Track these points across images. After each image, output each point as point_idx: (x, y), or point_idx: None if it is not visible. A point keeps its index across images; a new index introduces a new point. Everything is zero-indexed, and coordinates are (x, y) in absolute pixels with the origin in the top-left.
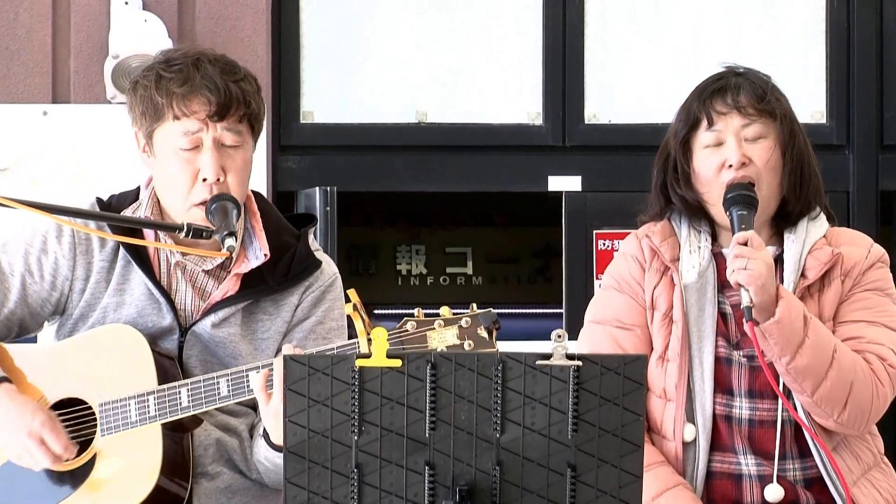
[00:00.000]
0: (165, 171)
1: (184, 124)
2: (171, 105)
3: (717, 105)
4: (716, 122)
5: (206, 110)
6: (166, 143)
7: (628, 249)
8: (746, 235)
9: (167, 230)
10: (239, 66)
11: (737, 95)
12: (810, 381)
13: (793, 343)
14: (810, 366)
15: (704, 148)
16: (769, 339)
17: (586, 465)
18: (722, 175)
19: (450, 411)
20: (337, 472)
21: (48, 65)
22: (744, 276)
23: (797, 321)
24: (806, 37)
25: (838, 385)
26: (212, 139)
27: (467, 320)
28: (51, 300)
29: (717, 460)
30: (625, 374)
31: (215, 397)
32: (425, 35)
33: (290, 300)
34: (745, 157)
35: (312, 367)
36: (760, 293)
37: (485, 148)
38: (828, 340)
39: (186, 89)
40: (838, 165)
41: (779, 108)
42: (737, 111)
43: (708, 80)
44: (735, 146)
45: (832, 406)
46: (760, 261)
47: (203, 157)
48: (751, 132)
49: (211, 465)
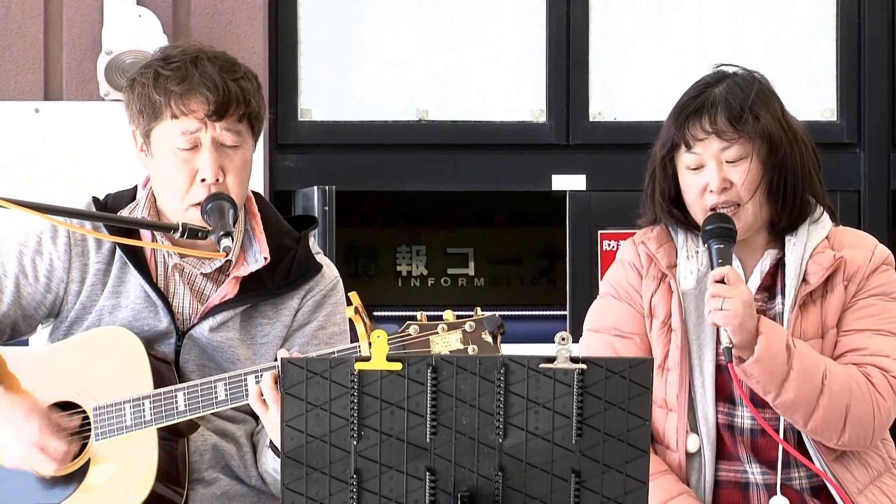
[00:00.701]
0: (163, 170)
1: (182, 123)
2: (169, 104)
3: (693, 130)
4: (694, 146)
5: (205, 109)
6: (164, 142)
7: (625, 256)
8: (723, 272)
9: (162, 230)
10: (239, 64)
11: (714, 118)
12: (800, 412)
13: (776, 378)
14: (798, 398)
15: (686, 170)
16: (751, 378)
17: (591, 471)
18: (706, 198)
19: (451, 416)
20: (336, 477)
21: (40, 61)
22: (720, 316)
23: (779, 355)
24: (815, 32)
25: (832, 411)
26: (210, 139)
27: (471, 324)
28: (45, 302)
29: (723, 469)
30: (630, 377)
31: (213, 402)
32: (426, 31)
33: (290, 304)
34: (726, 182)
35: (310, 371)
36: (739, 332)
37: (487, 146)
38: (815, 367)
39: (185, 88)
40: (849, 164)
41: (761, 127)
42: (715, 135)
43: (688, 93)
44: (715, 171)
45: (829, 432)
46: (737, 299)
47: (201, 158)
48: (730, 154)
49: (207, 472)
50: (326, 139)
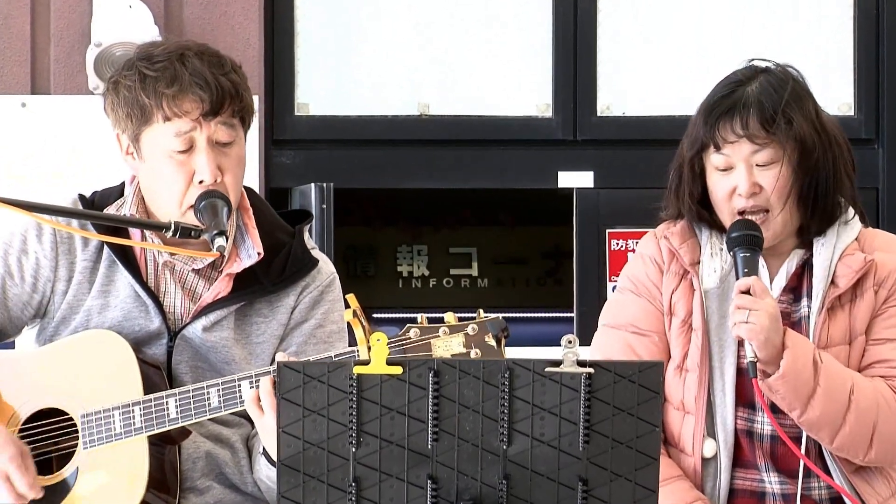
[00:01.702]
0: (156, 174)
1: (175, 125)
2: (161, 106)
3: (724, 132)
4: (723, 148)
5: (199, 109)
6: (156, 145)
7: (645, 250)
8: (748, 283)
9: (154, 229)
10: (225, 58)
11: (745, 120)
12: (826, 430)
13: (802, 395)
14: (824, 415)
15: (715, 170)
16: (776, 395)
17: (599, 479)
18: (734, 201)
19: (454, 421)
20: (334, 486)
21: (27, 53)
22: (745, 329)
23: (805, 371)
24: (832, 23)
25: (859, 428)
26: (206, 138)
27: (474, 327)
28: (32, 303)
29: (739, 477)
30: (640, 382)
31: (205, 409)
32: (427, 21)
33: (286, 301)
34: (756, 186)
35: (307, 375)
36: (764, 347)
37: (491, 142)
38: (842, 383)
39: (176, 89)
40: (867, 160)
41: (794, 132)
42: (746, 139)
43: (719, 90)
44: (745, 174)
45: (855, 449)
46: (763, 312)
47: (198, 159)
48: (761, 158)
49: (200, 480)
50: (324, 134)
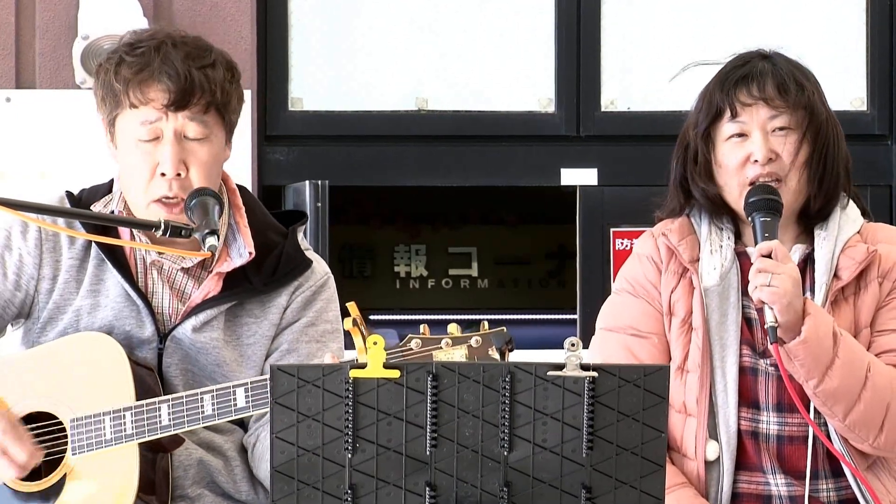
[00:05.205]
0: (125, 162)
1: (141, 113)
2: (127, 92)
3: (741, 95)
4: (740, 113)
5: (165, 98)
6: (126, 132)
7: (643, 250)
8: (770, 246)
9: (142, 228)
10: (210, 51)
11: (763, 84)
12: (841, 404)
13: (821, 364)
14: (841, 388)
15: (728, 139)
16: (794, 361)
17: (602, 487)
18: (747, 169)
19: (453, 427)
20: (329, 493)
21: (11, 46)
22: (767, 293)
23: (826, 339)
24: (845, 17)
25: (873, 407)
26: (172, 130)
27: (478, 339)
28: (14, 301)
29: (743, 480)
30: (645, 386)
31: (199, 416)
32: (426, 13)
33: (277, 301)
34: (772, 153)
35: (302, 379)
36: (786, 312)
37: (491, 138)
38: (861, 358)
39: (143, 76)
40: (880, 157)
41: (806, 98)
42: (763, 102)
43: (731, 64)
44: (761, 141)
45: (867, 430)
46: (786, 276)
47: (162, 150)
48: (778, 122)
49: (191, 488)
50: (319, 130)
